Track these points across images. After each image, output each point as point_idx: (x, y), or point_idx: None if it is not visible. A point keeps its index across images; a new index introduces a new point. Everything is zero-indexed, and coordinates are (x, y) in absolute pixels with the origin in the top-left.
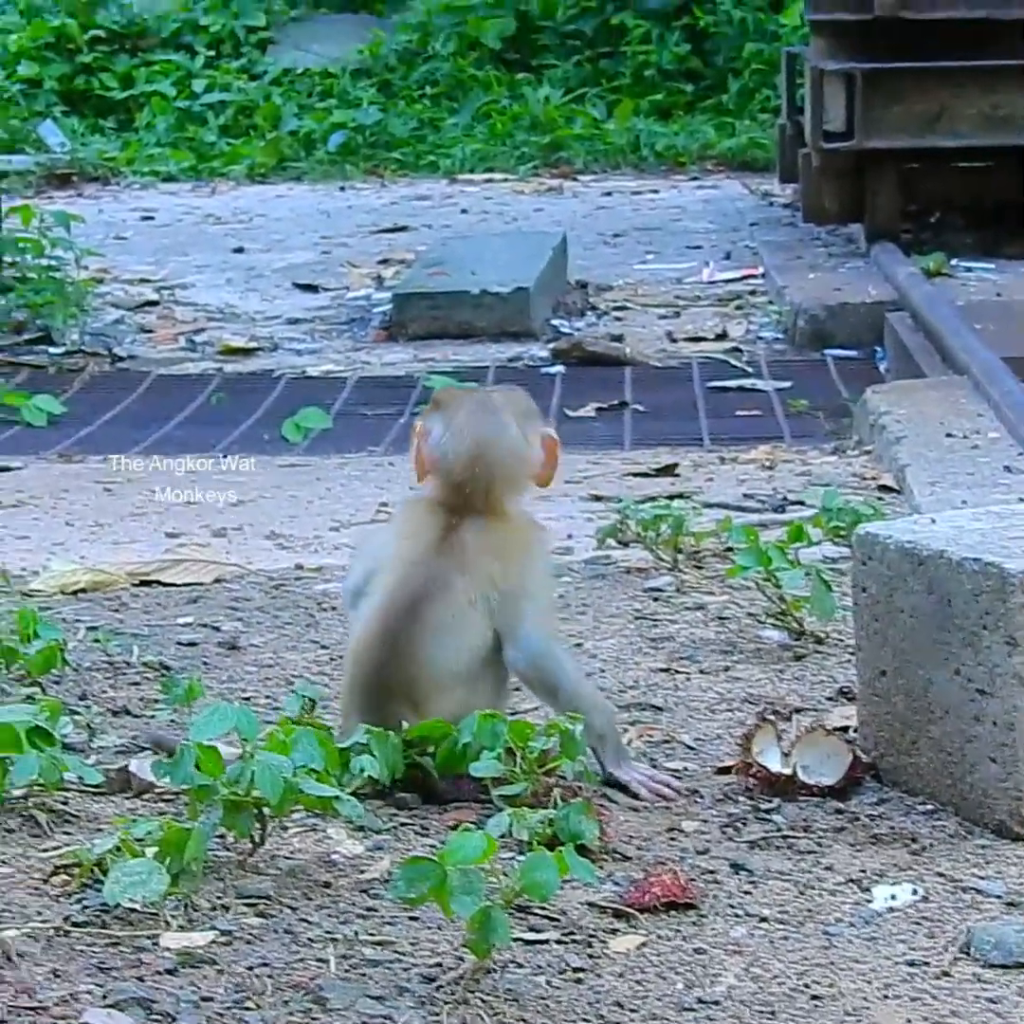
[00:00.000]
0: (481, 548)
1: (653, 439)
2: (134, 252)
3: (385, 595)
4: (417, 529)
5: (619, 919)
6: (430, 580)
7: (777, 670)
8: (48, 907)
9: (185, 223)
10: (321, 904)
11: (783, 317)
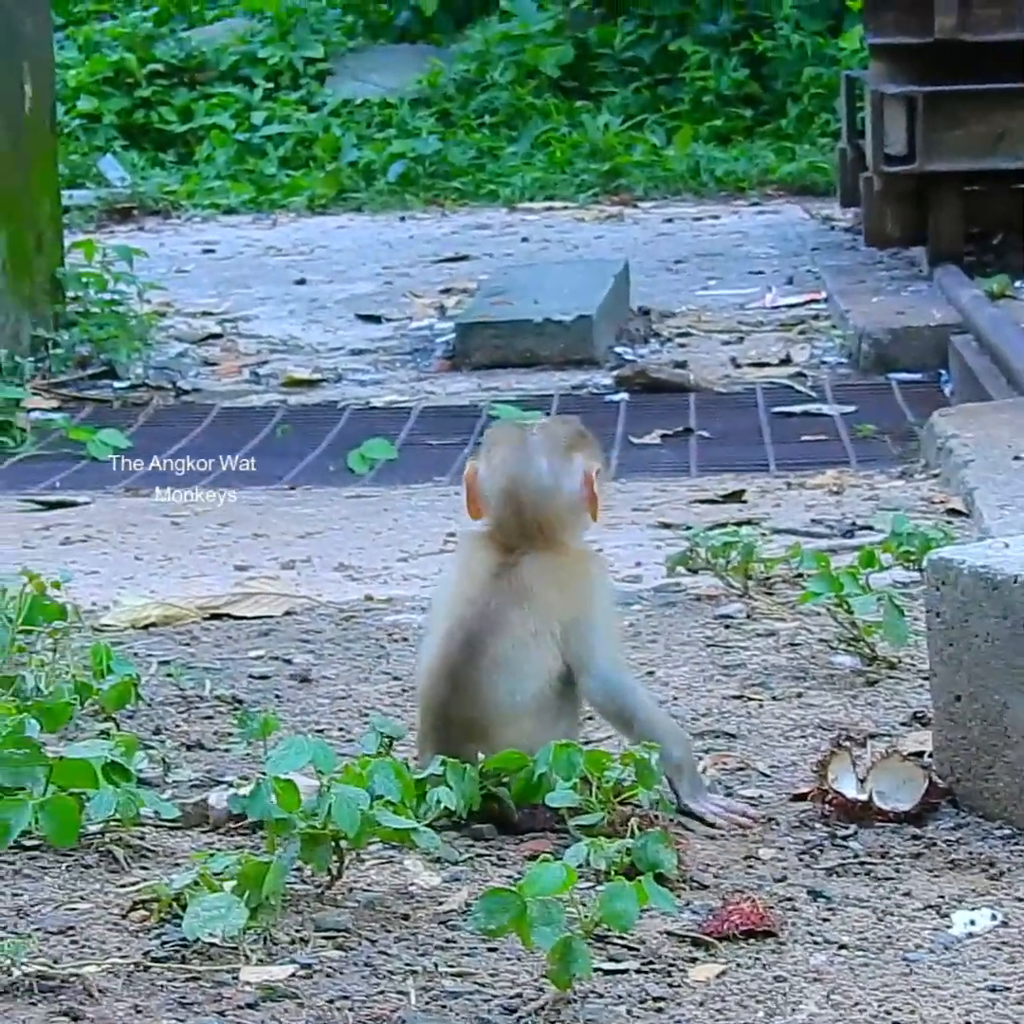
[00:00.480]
0: (538, 580)
1: (719, 465)
2: (196, 285)
3: (445, 631)
4: (474, 565)
5: (698, 948)
6: (488, 614)
7: (850, 696)
8: (127, 942)
9: (246, 255)
10: (400, 936)
11: (847, 341)
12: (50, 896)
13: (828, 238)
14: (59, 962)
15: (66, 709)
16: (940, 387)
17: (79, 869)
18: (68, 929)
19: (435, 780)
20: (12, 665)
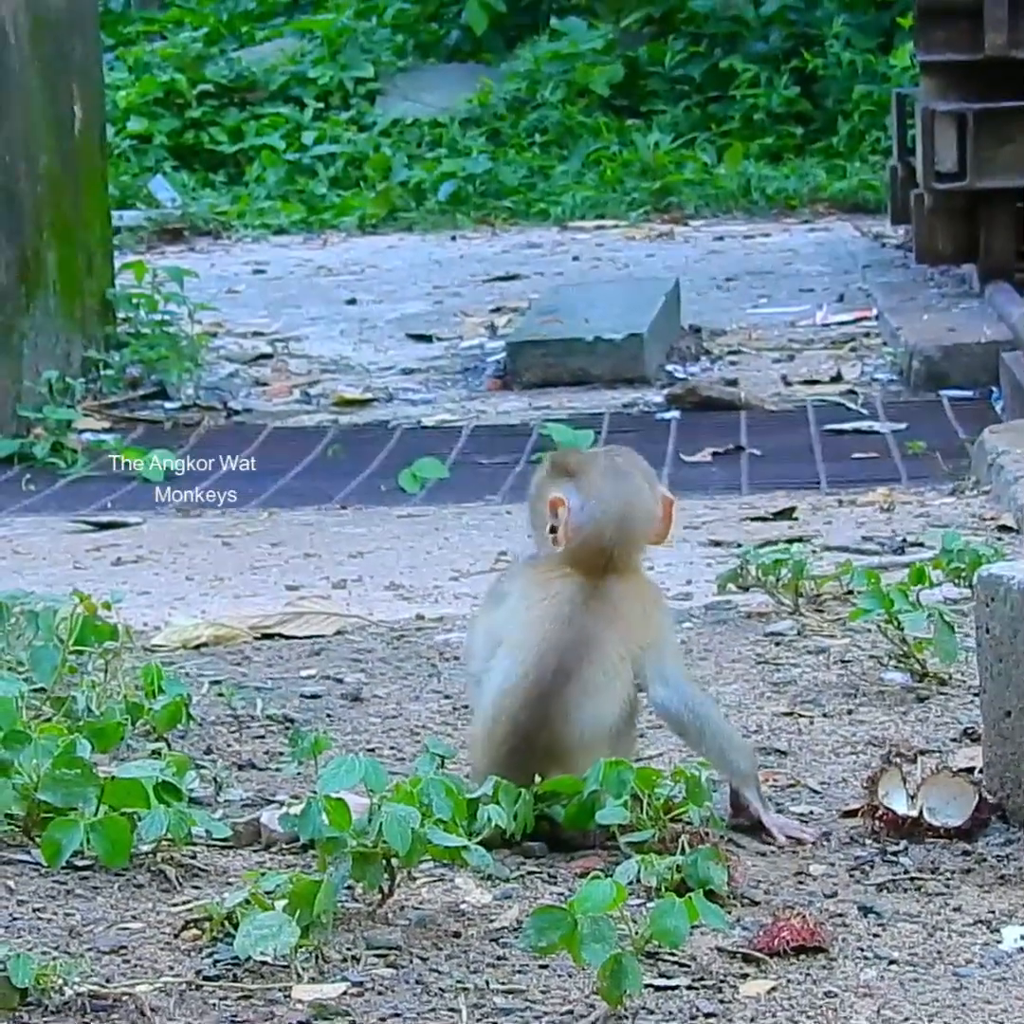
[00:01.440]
0: (624, 604)
1: (770, 483)
2: (247, 305)
3: (534, 658)
4: (551, 591)
5: (749, 964)
6: (581, 640)
7: (901, 712)
8: (179, 961)
9: (297, 275)
10: (451, 954)
11: (897, 359)
12: (102, 916)
13: (879, 255)
14: (111, 981)
15: (117, 729)
16: (991, 404)
17: (131, 889)
18: (120, 948)
19: (487, 799)
20: (64, 686)
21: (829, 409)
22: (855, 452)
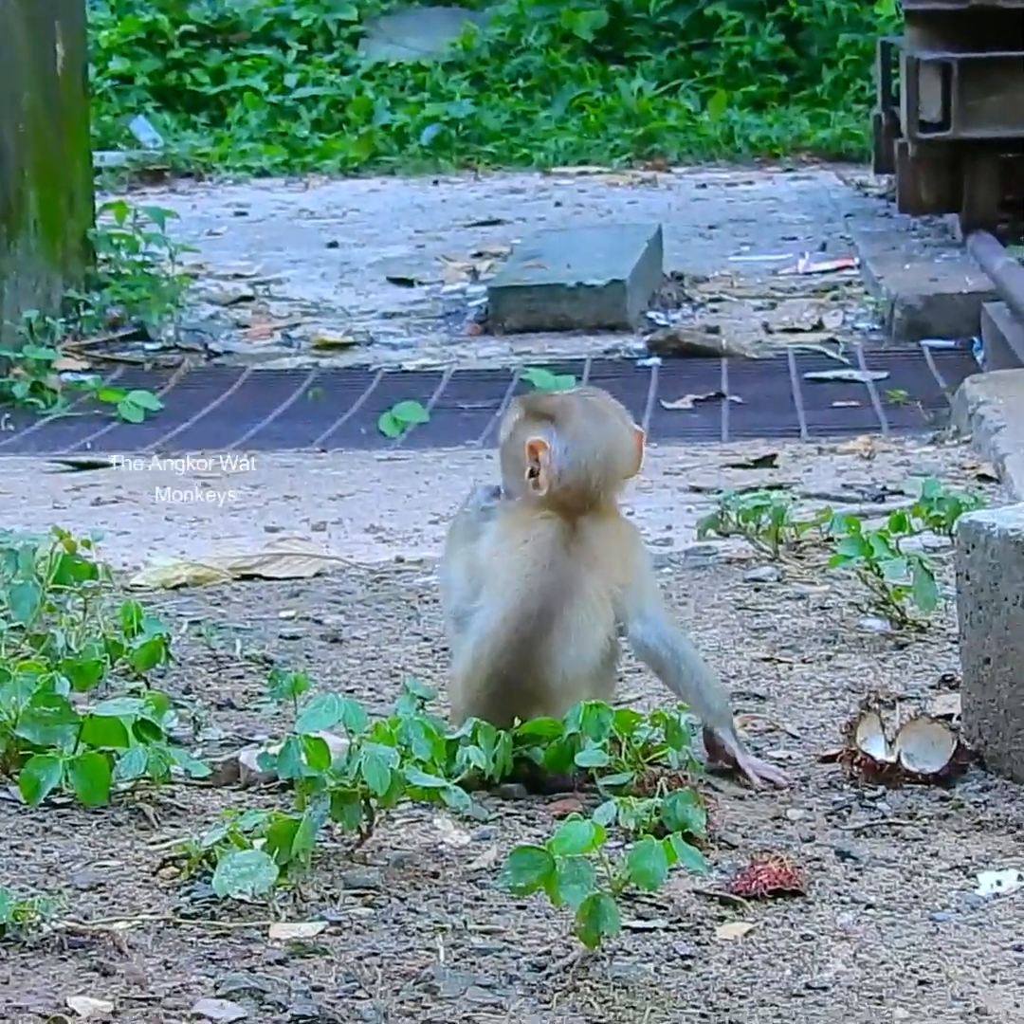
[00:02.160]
0: (603, 545)
1: (751, 430)
2: (228, 248)
3: (516, 602)
4: (531, 535)
5: (726, 907)
6: (563, 582)
7: (880, 659)
8: (157, 899)
9: (278, 218)
10: (429, 894)
11: (879, 308)
12: (80, 853)
13: (862, 204)
14: (89, 918)
15: (96, 668)
16: (972, 354)
17: (109, 827)
18: (98, 886)
19: (466, 741)
20: (43, 624)
21: (810, 357)
22: (836, 400)
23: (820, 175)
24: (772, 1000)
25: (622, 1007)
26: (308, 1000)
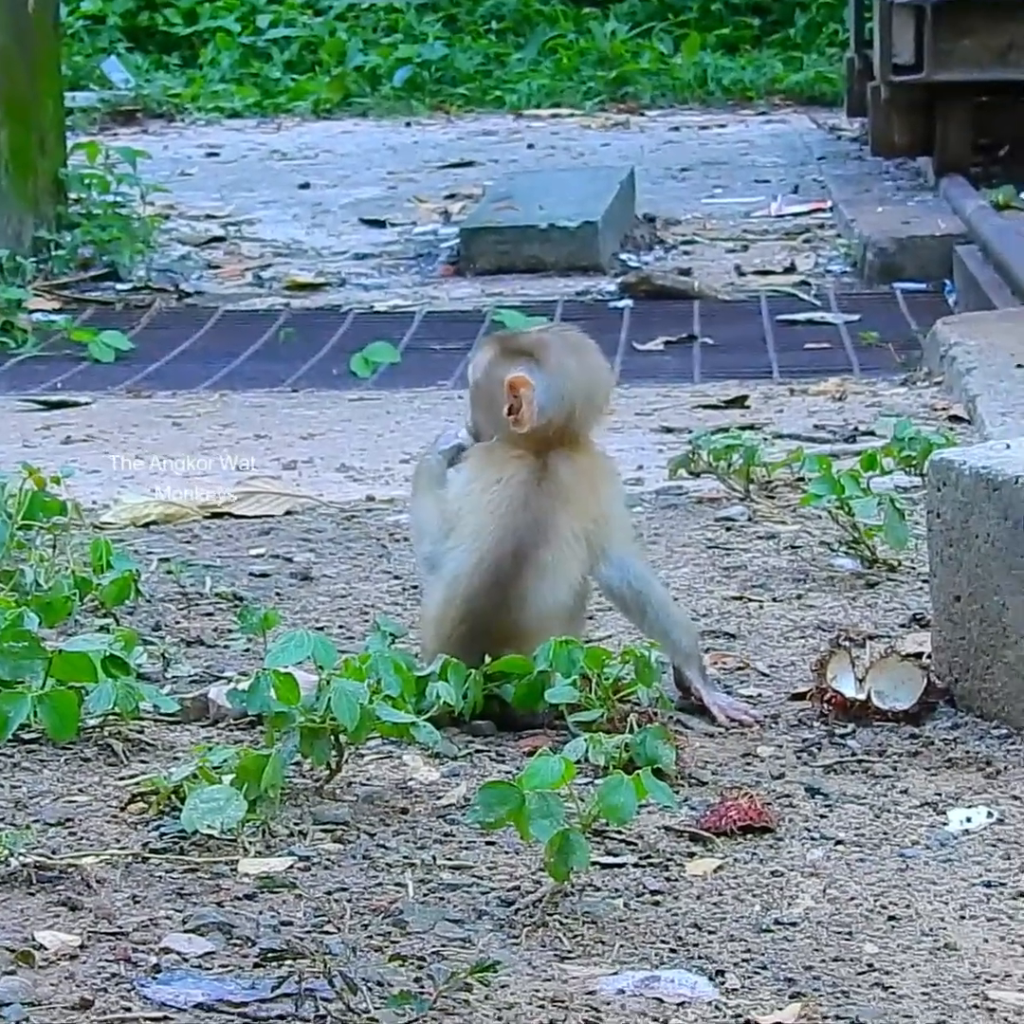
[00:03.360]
0: (576, 482)
1: (722, 372)
2: (200, 188)
3: (490, 542)
4: (504, 475)
5: (696, 843)
6: (537, 521)
7: (850, 597)
8: (126, 834)
9: (250, 159)
10: (398, 830)
11: (852, 250)
12: (48, 788)
13: (835, 148)
14: (57, 853)
15: (65, 604)
16: (944, 297)
17: (78, 762)
18: (66, 821)
19: (436, 677)
20: (11, 560)
21: (782, 300)
22: (807, 343)
23: (793, 118)
24: (741, 936)
25: (591, 942)
26: (276, 934)
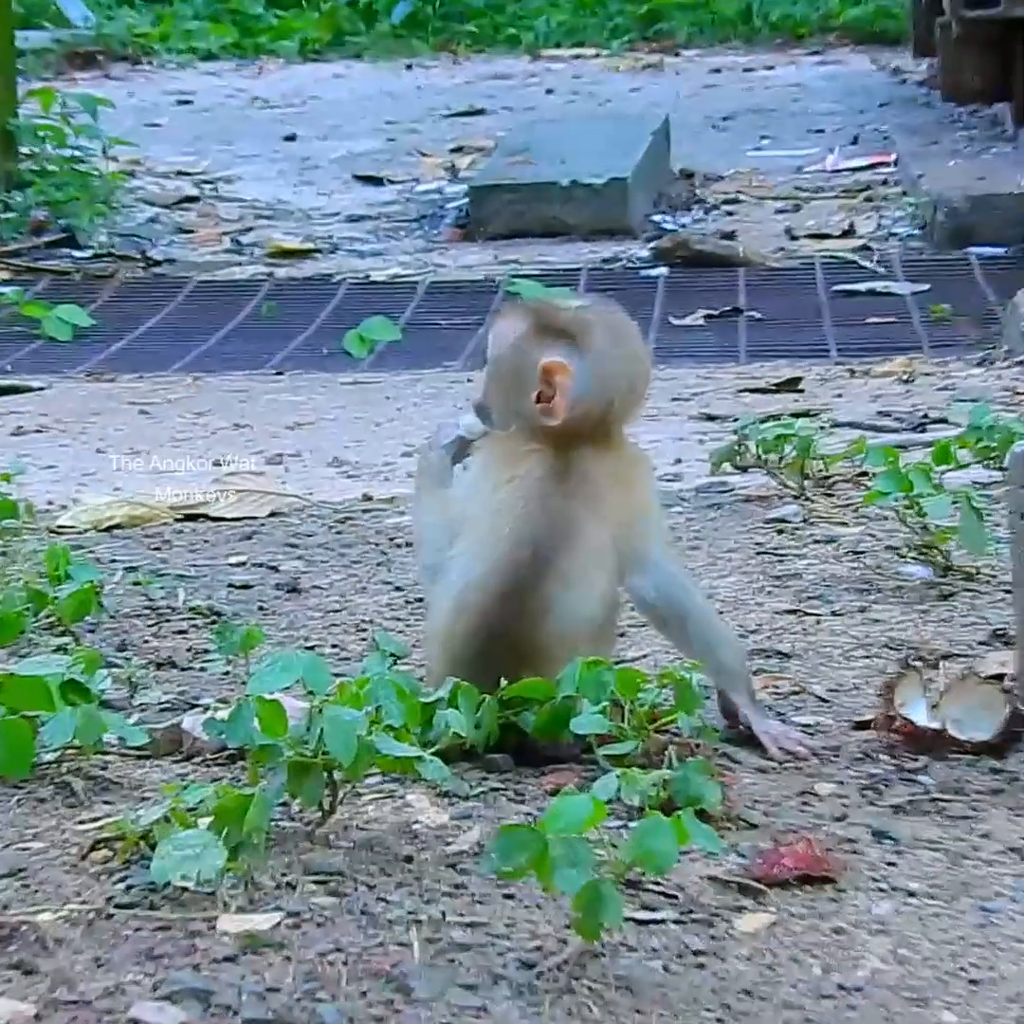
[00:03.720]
0: (603, 480)
1: (772, 350)
2: (170, 141)
3: (505, 548)
4: (520, 470)
5: (745, 895)
6: (558, 523)
7: (921, 611)
8: (88, 887)
9: (228, 108)
10: (402, 881)
11: (919, 210)
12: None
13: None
14: (9, 908)
15: (18, 620)
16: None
17: (32, 803)
18: (19, 871)
19: (445, 704)
20: None
21: (840, 267)
22: (869, 316)
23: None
24: (798, 1002)
25: (625, 1011)
26: (262, 1002)
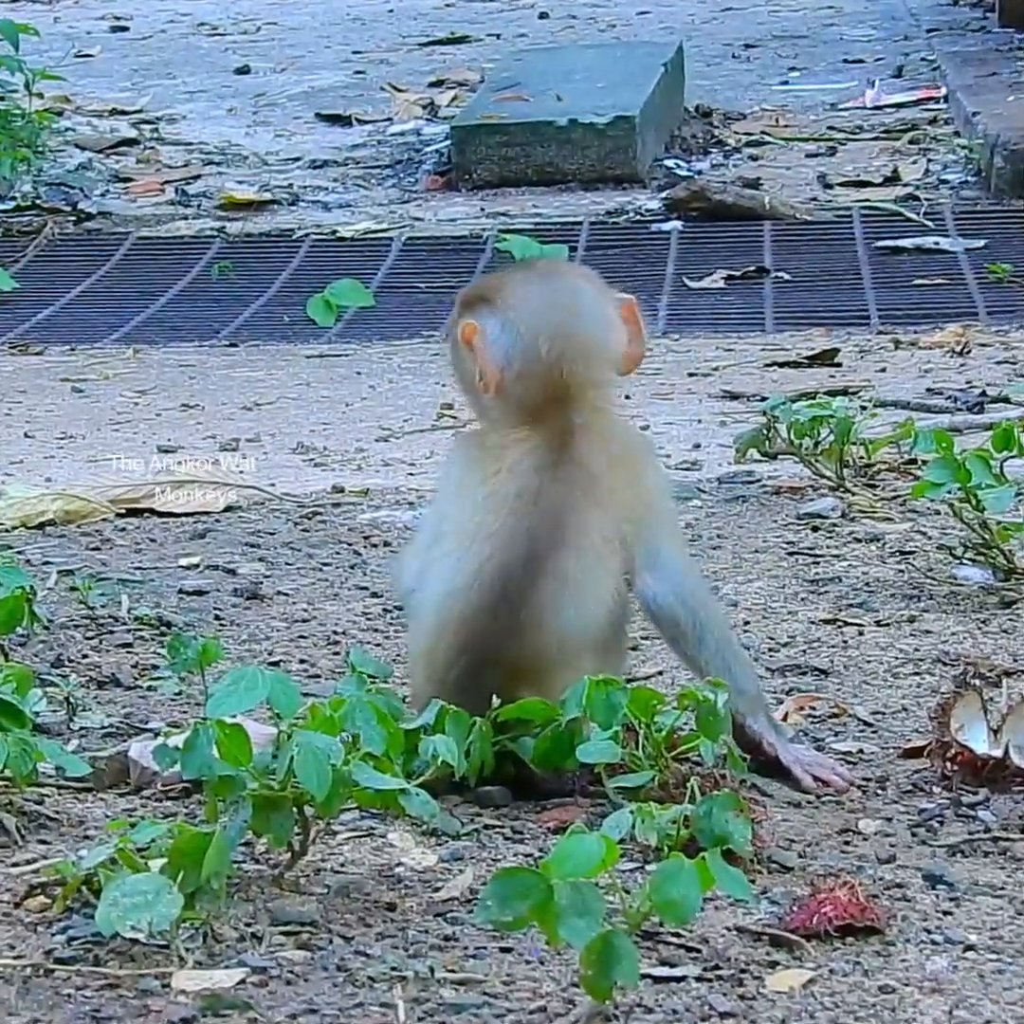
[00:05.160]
0: (605, 467)
1: (803, 317)
2: (103, 75)
3: (492, 545)
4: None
5: (779, 949)
6: (554, 517)
7: (979, 620)
8: (23, 938)
9: (170, 35)
10: (383, 932)
11: (974, 153)
12: None
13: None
14: None
15: None
16: None
17: None
18: None
19: (431, 729)
20: None
21: (882, 220)
22: (916, 277)
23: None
24: None
25: None
26: None
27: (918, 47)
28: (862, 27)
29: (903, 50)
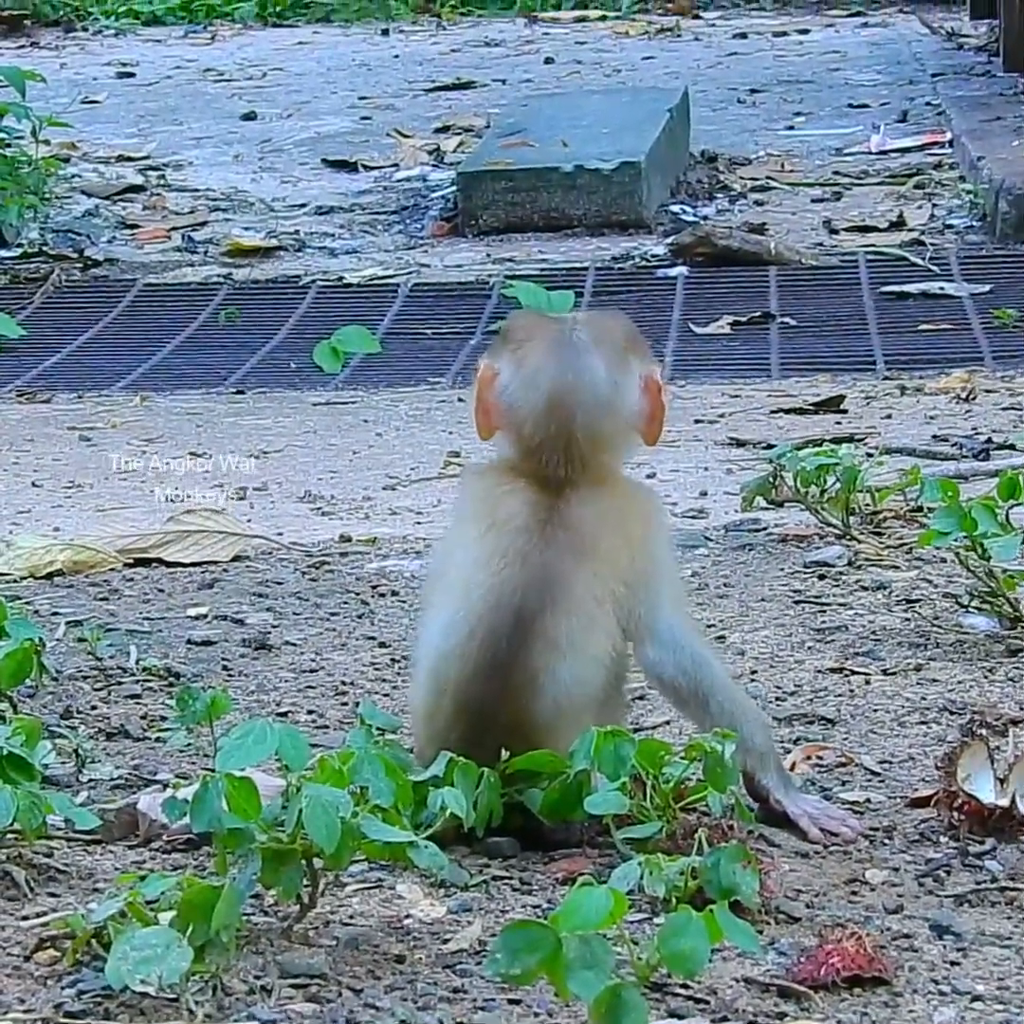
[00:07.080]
0: (598, 527)
1: (809, 363)
2: (110, 121)
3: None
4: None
5: (787, 1000)
6: (542, 579)
7: (986, 669)
8: (33, 992)
9: (176, 81)
10: (392, 984)
11: (979, 198)
12: None
13: (954, 61)
14: None
15: None
16: None
17: None
18: None
19: (439, 781)
20: None
21: (888, 265)
22: (922, 323)
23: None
24: None
25: None
26: None
27: (923, 92)
28: (867, 72)
29: (908, 95)
